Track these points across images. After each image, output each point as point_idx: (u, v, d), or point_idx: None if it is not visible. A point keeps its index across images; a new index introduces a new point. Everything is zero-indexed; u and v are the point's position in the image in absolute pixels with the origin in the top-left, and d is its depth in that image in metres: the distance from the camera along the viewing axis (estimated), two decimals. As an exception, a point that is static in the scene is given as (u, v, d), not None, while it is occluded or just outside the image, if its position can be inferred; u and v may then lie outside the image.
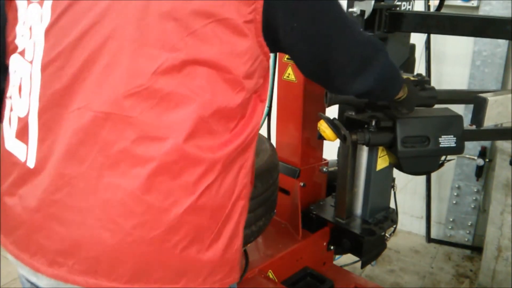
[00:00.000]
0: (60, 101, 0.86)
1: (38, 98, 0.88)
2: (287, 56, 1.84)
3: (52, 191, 0.84)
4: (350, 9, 1.63)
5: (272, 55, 2.49)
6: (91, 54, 0.83)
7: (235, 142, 0.90)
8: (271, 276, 1.74)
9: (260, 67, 0.91)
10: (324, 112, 1.82)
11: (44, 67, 0.88)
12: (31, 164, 0.89)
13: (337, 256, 2.11)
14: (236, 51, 0.85)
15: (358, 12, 1.60)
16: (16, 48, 0.94)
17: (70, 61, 0.85)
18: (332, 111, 1.71)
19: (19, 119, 0.92)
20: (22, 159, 0.90)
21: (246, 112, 0.92)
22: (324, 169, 2.00)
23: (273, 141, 1.99)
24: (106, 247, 0.82)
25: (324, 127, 1.56)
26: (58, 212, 0.84)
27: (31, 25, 0.91)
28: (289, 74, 1.86)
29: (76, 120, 0.84)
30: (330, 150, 2.06)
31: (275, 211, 1.56)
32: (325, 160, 2.06)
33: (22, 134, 0.91)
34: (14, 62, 0.94)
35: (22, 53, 0.92)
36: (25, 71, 0.91)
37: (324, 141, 1.77)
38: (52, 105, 0.87)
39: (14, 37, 0.95)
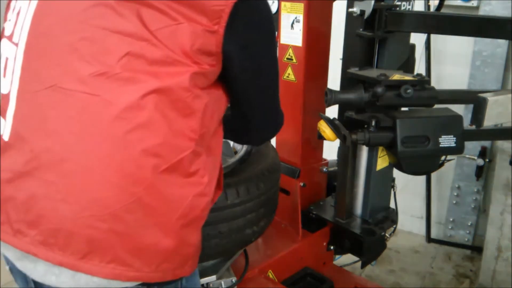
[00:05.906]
0: (35, 80, 0.90)
1: (19, 77, 0.92)
2: (287, 56, 1.84)
3: (23, 164, 0.87)
4: (350, 9, 1.64)
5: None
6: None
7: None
8: (271, 276, 1.74)
9: None
10: (324, 112, 1.82)
11: (27, 49, 0.92)
12: (5, 137, 0.92)
13: (337, 256, 2.11)
14: None
15: (358, 12, 1.61)
16: (5, 32, 1.00)
17: (51, 43, 0.89)
18: (332, 111, 1.71)
19: (3, 96, 0.96)
20: (1, 133, 0.94)
21: None
22: (324, 169, 2.00)
23: (273, 141, 1.99)
24: (64, 220, 0.83)
25: (324, 127, 1.56)
26: (26, 184, 0.86)
27: (19, 10, 0.96)
28: (289, 74, 1.86)
29: (48, 98, 0.87)
30: (330, 150, 2.06)
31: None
32: (325, 160, 2.06)
33: (3, 110, 0.95)
34: (3, 46, 0.99)
35: (9, 37, 0.97)
36: (10, 52, 0.95)
37: (324, 141, 1.77)
38: (29, 84, 0.91)
39: (4, 22, 1.01)
